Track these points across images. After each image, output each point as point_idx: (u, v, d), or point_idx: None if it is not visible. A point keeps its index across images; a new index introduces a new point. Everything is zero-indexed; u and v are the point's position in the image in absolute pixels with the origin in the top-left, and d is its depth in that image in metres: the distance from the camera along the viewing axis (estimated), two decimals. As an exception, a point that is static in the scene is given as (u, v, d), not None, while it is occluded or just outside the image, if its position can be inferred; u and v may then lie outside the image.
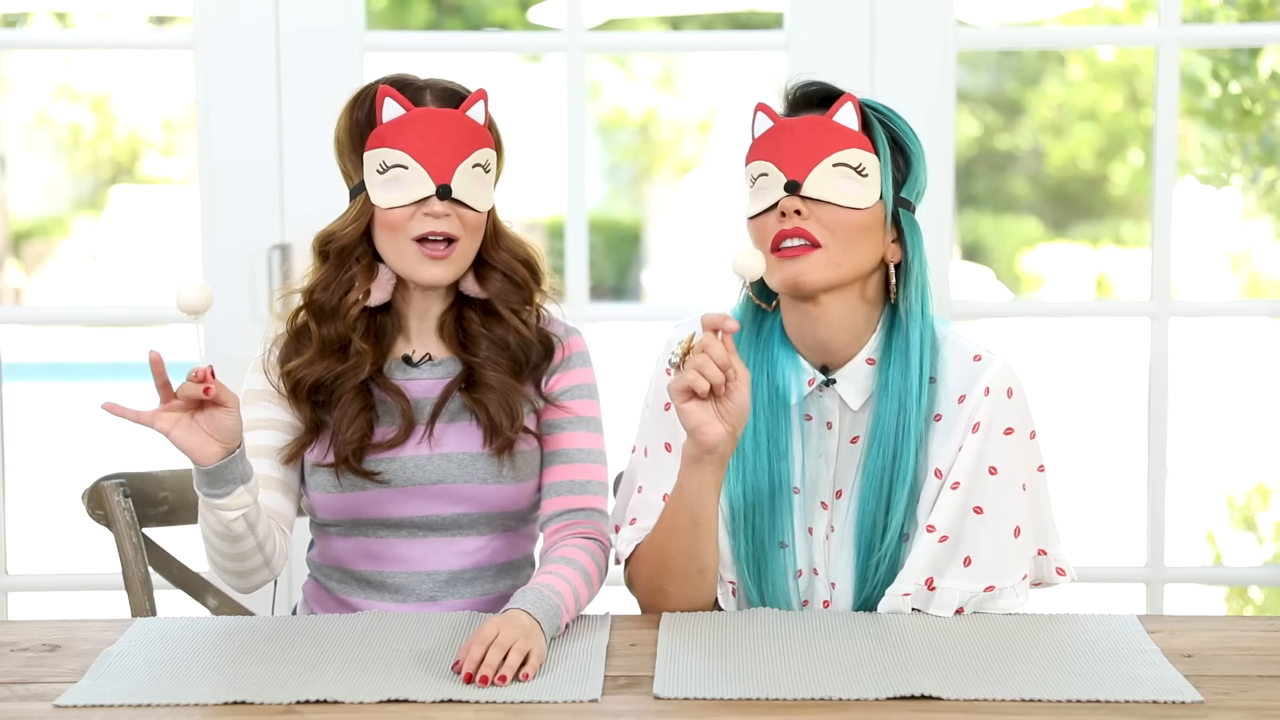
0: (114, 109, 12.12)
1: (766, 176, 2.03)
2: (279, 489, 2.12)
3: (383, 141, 2.05)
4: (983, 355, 2.06)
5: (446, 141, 2.05)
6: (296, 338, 2.14)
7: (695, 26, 10.77)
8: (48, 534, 6.00)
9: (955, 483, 2.02)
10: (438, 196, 2.04)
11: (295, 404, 2.11)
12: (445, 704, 1.70)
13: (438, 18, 11.46)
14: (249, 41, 3.05)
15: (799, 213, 2.00)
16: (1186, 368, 5.00)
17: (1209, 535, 4.51)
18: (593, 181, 12.02)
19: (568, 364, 2.18)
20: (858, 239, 2.02)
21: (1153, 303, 3.14)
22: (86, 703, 1.71)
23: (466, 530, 2.15)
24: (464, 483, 2.12)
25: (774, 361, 2.08)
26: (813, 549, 2.09)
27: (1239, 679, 1.79)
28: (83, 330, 10.41)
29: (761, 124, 2.07)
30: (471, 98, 2.09)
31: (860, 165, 2.02)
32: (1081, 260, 11.57)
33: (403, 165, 2.04)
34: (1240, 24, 3.78)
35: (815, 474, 2.09)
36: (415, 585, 2.15)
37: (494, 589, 2.17)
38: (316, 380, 2.10)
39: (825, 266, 2.01)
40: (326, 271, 2.11)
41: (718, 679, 1.77)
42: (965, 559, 2.02)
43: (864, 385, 2.07)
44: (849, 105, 2.04)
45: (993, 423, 2.03)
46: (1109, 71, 11.69)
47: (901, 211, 2.06)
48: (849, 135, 2.03)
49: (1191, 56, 4.29)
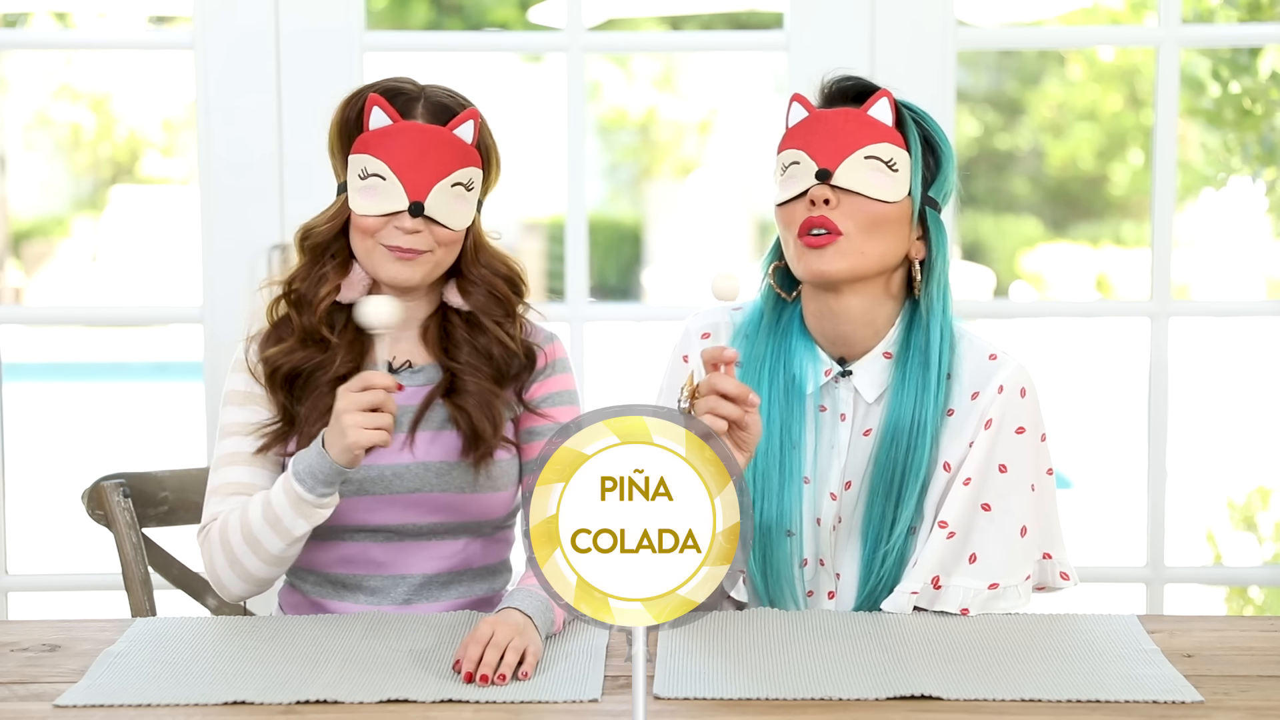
0: (114, 109, 12.12)
1: (798, 165, 2.05)
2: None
3: (366, 148, 2.06)
4: (998, 354, 2.08)
5: (428, 158, 2.05)
6: (277, 328, 2.15)
7: (695, 26, 10.77)
8: (48, 534, 6.00)
9: (967, 479, 2.03)
10: (410, 213, 2.04)
11: (271, 391, 2.12)
12: (445, 704, 1.70)
13: (438, 18, 11.47)
14: (249, 41, 3.05)
15: (828, 201, 2.02)
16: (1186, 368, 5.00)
17: (1209, 535, 4.51)
18: (593, 181, 12.02)
19: (549, 370, 2.18)
20: (882, 231, 2.03)
21: (1153, 303, 3.14)
22: (86, 703, 1.71)
23: (442, 536, 2.15)
24: (441, 491, 2.12)
25: (791, 351, 2.10)
26: (820, 539, 2.10)
27: (1239, 679, 1.79)
28: (83, 330, 10.41)
29: (796, 114, 2.09)
30: (461, 116, 2.08)
31: (891, 160, 2.04)
32: (1081, 260, 11.57)
33: (381, 175, 2.05)
34: (1240, 24, 3.78)
35: (826, 465, 2.10)
36: (390, 589, 2.15)
37: (470, 593, 2.17)
38: (293, 368, 2.11)
39: (848, 255, 2.02)
40: (304, 264, 2.14)
41: (718, 679, 1.77)
42: (971, 556, 2.02)
43: (880, 378, 2.08)
44: (884, 100, 2.06)
45: (1004, 420, 2.04)
46: (1109, 71, 11.70)
47: (928, 210, 2.07)
48: (882, 129, 2.05)
49: (1191, 56, 4.29)
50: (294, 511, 2.00)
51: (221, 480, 2.12)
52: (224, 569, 2.06)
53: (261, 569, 2.05)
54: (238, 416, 2.13)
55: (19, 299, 11.22)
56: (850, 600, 2.09)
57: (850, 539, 2.09)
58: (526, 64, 11.62)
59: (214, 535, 2.08)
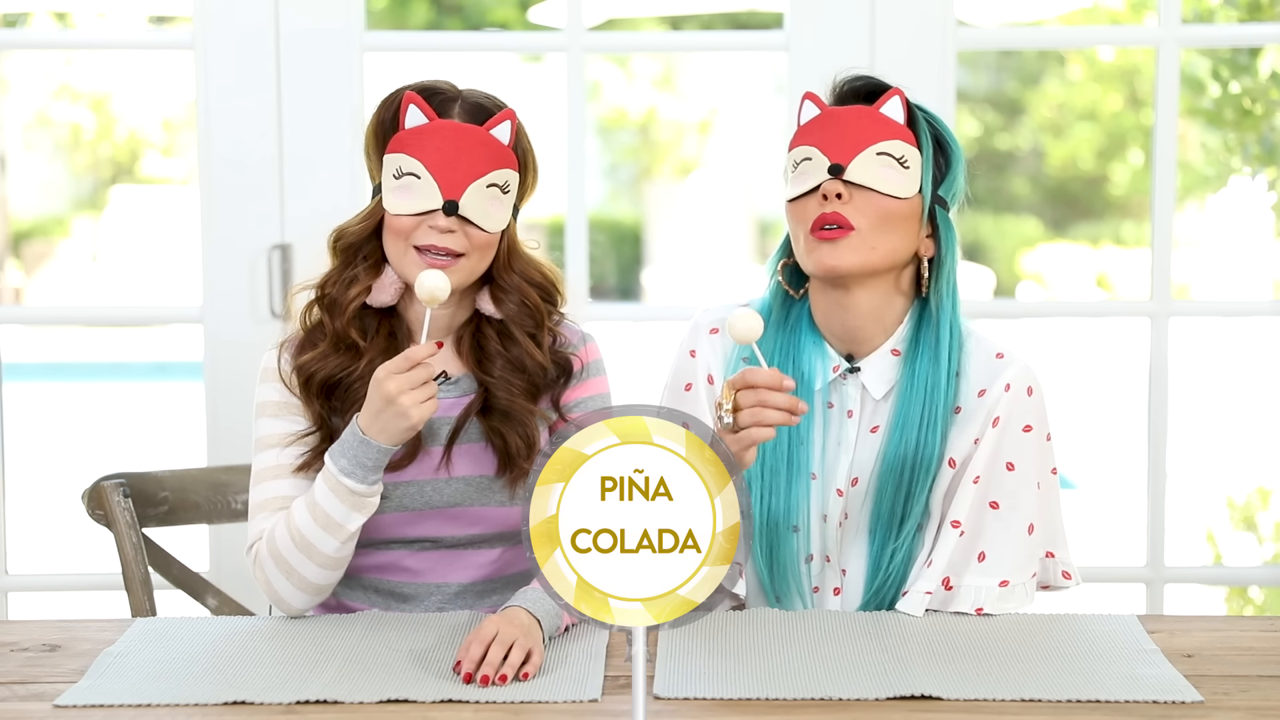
0: (114, 109, 12.11)
1: (810, 161, 2.06)
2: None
3: (401, 147, 2.04)
4: (1005, 354, 2.09)
5: (464, 158, 2.03)
6: (311, 334, 2.12)
7: (695, 26, 10.77)
8: (48, 534, 6.00)
9: (976, 477, 2.04)
10: (444, 212, 2.01)
11: (306, 400, 2.08)
12: (445, 704, 1.70)
13: (438, 18, 11.46)
14: (249, 41, 3.05)
15: (840, 196, 2.03)
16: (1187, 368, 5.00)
17: (1209, 535, 4.51)
18: (593, 181, 12.02)
19: (584, 374, 2.16)
20: (893, 227, 2.04)
21: (1153, 303, 3.14)
22: (86, 703, 1.71)
23: (479, 545, 2.13)
24: (479, 505, 2.10)
25: (800, 347, 2.11)
26: (826, 535, 2.10)
27: (1239, 679, 1.79)
28: (83, 330, 10.41)
29: (809, 111, 2.10)
30: (498, 116, 2.06)
31: (903, 157, 2.05)
32: (1081, 260, 11.56)
33: (415, 174, 2.02)
34: (1240, 24, 3.78)
35: (833, 461, 2.10)
36: (425, 596, 2.13)
37: (504, 600, 2.13)
38: (328, 376, 2.08)
39: (859, 250, 2.03)
40: (336, 267, 2.11)
41: (718, 679, 1.77)
42: (980, 554, 2.03)
43: (888, 375, 2.09)
44: (896, 99, 2.07)
45: (1011, 419, 2.05)
46: (1109, 71, 11.69)
47: (938, 209, 2.08)
48: (894, 127, 2.06)
49: (1191, 56, 4.29)
50: (345, 506, 1.98)
51: (265, 496, 2.07)
52: (280, 582, 2.02)
53: (319, 574, 2.01)
54: (274, 428, 2.09)
55: (19, 299, 11.21)
56: (857, 596, 2.09)
57: (857, 536, 2.09)
58: (526, 64, 11.62)
59: (263, 552, 2.03)
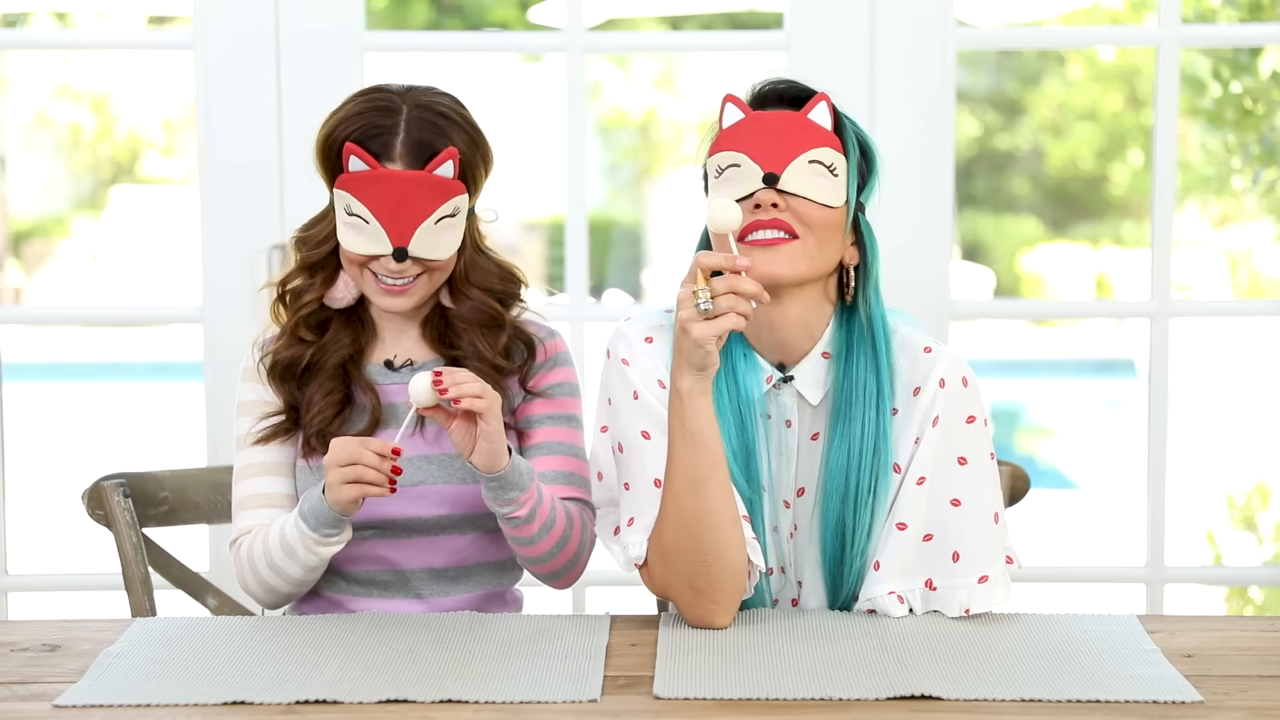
0: (114, 109, 12.11)
1: (738, 168, 2.01)
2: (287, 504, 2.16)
3: (348, 188, 2.06)
4: (932, 347, 2.06)
5: (408, 205, 2.04)
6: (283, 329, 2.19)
7: (695, 26, 10.76)
8: (48, 534, 6.00)
9: (920, 478, 2.01)
10: (394, 258, 2.05)
11: (276, 387, 2.16)
12: (445, 704, 1.70)
13: (438, 18, 11.46)
14: (249, 41, 3.05)
15: (775, 205, 2.00)
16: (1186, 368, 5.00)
17: (1209, 535, 4.50)
18: (593, 181, 12.02)
19: (551, 363, 2.20)
20: (830, 236, 2.01)
21: (1153, 303, 3.14)
22: (86, 703, 1.71)
23: (449, 530, 2.17)
24: (444, 483, 2.14)
25: (730, 360, 2.05)
26: (780, 548, 2.09)
27: (1239, 679, 1.79)
28: (83, 330, 10.40)
29: (731, 115, 2.05)
30: (440, 157, 2.05)
31: (832, 164, 2.01)
32: (1081, 260, 11.56)
33: (363, 219, 2.05)
34: (1240, 24, 3.78)
35: (779, 472, 2.07)
36: (400, 584, 2.18)
37: (479, 587, 2.20)
38: (293, 358, 2.15)
39: (800, 259, 1.99)
40: (295, 268, 2.18)
41: (718, 679, 1.77)
42: (954, 554, 2.00)
43: (821, 380, 2.06)
44: (823, 104, 2.03)
45: (953, 413, 2.02)
46: (1109, 71, 11.69)
47: (859, 215, 2.06)
48: (823, 134, 2.02)
49: (1192, 56, 4.29)
50: (304, 548, 2.05)
51: (246, 493, 2.16)
52: (255, 588, 2.14)
53: (290, 587, 2.12)
54: (251, 427, 2.18)
55: (19, 299, 11.21)
56: (818, 607, 2.08)
57: (809, 546, 2.07)
58: (526, 64, 11.62)
59: (243, 555, 2.13)
